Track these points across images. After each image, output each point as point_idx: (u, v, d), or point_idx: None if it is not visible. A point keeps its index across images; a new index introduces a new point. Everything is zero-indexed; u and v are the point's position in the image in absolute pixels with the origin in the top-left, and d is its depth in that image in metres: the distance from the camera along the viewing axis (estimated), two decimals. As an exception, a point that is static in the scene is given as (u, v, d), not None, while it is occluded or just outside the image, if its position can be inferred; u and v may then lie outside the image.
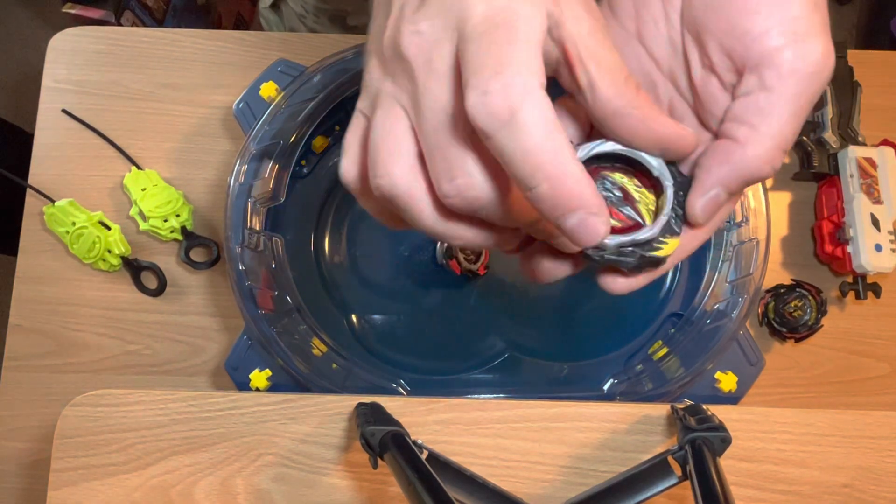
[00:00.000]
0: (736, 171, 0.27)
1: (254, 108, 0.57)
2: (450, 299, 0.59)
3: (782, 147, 0.26)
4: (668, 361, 0.54)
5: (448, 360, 0.58)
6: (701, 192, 0.27)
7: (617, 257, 0.27)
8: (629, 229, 0.28)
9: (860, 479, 0.44)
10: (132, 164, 0.63)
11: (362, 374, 0.53)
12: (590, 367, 0.57)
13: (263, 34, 0.67)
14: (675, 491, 0.38)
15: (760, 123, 0.26)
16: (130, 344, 0.60)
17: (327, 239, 0.60)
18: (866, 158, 0.59)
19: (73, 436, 0.44)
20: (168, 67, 0.65)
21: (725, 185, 0.27)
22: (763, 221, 0.54)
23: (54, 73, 0.65)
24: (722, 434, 0.38)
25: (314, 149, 0.60)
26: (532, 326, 0.59)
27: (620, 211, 0.28)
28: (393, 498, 0.44)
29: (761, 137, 0.26)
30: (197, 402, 0.45)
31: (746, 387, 0.52)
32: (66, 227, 0.60)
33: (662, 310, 0.59)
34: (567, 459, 0.44)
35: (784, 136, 0.26)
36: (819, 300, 0.59)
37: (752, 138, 0.26)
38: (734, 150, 0.27)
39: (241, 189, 0.54)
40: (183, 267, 0.62)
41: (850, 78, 0.62)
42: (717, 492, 0.33)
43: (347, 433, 0.44)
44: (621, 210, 0.28)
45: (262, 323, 0.51)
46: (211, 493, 0.44)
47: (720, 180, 0.27)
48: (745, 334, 0.53)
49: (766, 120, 0.26)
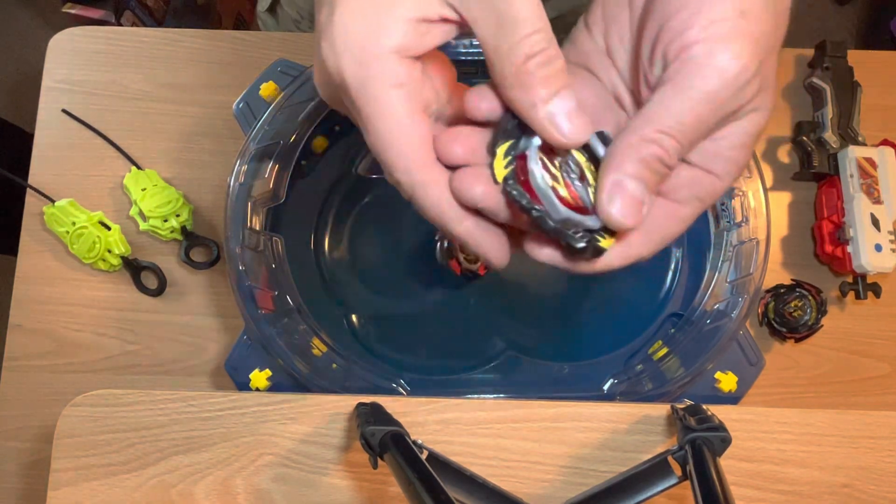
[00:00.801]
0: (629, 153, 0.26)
1: (254, 108, 0.57)
2: (450, 299, 0.59)
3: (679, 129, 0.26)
4: (668, 361, 0.54)
5: (448, 360, 0.58)
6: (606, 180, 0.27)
7: (563, 230, 0.27)
8: (579, 210, 0.28)
9: (860, 479, 0.44)
10: (132, 164, 0.63)
11: (362, 374, 0.53)
12: (590, 367, 0.57)
13: (263, 34, 0.67)
14: (675, 491, 0.38)
15: (659, 109, 0.26)
16: (130, 344, 0.60)
17: (327, 239, 0.60)
18: (866, 158, 0.59)
19: (73, 436, 0.44)
20: (168, 67, 0.65)
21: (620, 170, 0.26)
22: (763, 221, 0.54)
23: (54, 73, 0.65)
24: (722, 434, 0.38)
25: (314, 149, 0.60)
26: (532, 326, 0.59)
27: (576, 189, 0.28)
28: (393, 498, 0.44)
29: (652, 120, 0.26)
30: (197, 402, 0.45)
31: (746, 387, 0.52)
32: (66, 227, 0.60)
33: (662, 310, 0.59)
34: (567, 459, 0.44)
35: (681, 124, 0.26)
36: (819, 300, 0.59)
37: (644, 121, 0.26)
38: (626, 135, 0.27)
39: (241, 189, 0.54)
40: (183, 267, 0.62)
41: (850, 78, 0.62)
42: (717, 492, 0.33)
43: (347, 433, 0.44)
44: (575, 186, 0.28)
45: (262, 323, 0.51)
46: (211, 493, 0.44)
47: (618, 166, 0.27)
48: (745, 334, 0.53)
49: (664, 106, 0.26)
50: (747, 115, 0.28)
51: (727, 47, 0.25)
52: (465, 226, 0.28)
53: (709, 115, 0.26)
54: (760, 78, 0.26)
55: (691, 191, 0.29)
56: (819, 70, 0.63)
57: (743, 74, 0.26)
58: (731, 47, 0.25)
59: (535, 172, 0.27)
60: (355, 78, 0.26)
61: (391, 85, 0.26)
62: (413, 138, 0.27)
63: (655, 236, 0.29)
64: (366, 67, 0.26)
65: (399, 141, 0.27)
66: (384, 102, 0.26)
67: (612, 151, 0.27)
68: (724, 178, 0.29)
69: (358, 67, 0.26)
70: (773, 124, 0.64)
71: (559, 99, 0.27)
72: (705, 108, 0.26)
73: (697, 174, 0.29)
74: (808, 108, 0.64)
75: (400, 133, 0.27)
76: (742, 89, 0.26)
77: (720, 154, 0.28)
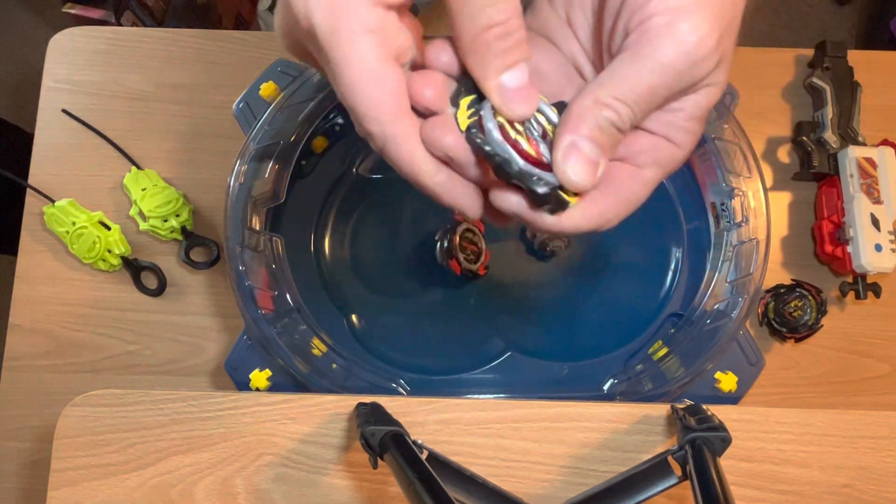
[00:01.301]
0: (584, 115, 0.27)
1: (254, 108, 0.57)
2: (450, 299, 0.59)
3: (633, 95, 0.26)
4: (668, 361, 0.54)
5: (448, 360, 0.58)
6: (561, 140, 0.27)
7: (527, 179, 0.27)
8: (540, 164, 0.28)
9: (860, 479, 0.44)
10: (132, 164, 0.63)
11: (362, 374, 0.53)
12: (590, 367, 0.57)
13: (263, 34, 0.67)
14: (675, 491, 0.38)
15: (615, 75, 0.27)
16: (130, 344, 0.60)
17: (327, 239, 0.60)
18: (866, 158, 0.59)
19: (73, 436, 0.44)
20: (168, 67, 0.65)
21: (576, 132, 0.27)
22: (763, 221, 0.54)
23: (54, 72, 0.65)
24: (722, 434, 0.38)
25: (314, 149, 0.60)
26: (532, 326, 0.59)
27: (536, 141, 0.28)
28: (393, 498, 0.44)
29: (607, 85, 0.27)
30: (197, 402, 0.45)
31: (746, 387, 0.52)
32: (66, 227, 0.60)
33: (662, 310, 0.59)
34: (567, 459, 0.44)
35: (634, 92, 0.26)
36: (819, 300, 0.59)
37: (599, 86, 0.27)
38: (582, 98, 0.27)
39: (241, 189, 0.54)
40: (183, 267, 0.62)
41: (850, 78, 0.62)
42: (717, 492, 0.33)
43: (347, 433, 0.44)
44: (537, 141, 0.28)
45: (262, 323, 0.51)
46: (211, 493, 0.44)
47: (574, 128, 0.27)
48: (745, 334, 0.53)
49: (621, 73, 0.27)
50: (703, 88, 0.28)
51: (687, 19, 0.25)
52: (438, 179, 0.28)
53: (663, 85, 0.26)
54: (719, 53, 0.27)
55: (652, 156, 0.30)
56: (819, 70, 0.63)
57: (701, 47, 0.26)
58: (692, 19, 0.26)
59: (491, 129, 0.27)
60: (325, 22, 0.25)
61: (362, 30, 0.25)
62: (384, 86, 0.26)
63: (622, 198, 0.30)
64: (336, 12, 0.25)
65: (370, 88, 0.26)
66: (355, 48, 0.25)
67: (567, 113, 0.27)
68: (682, 146, 0.30)
69: (328, 12, 0.25)
70: (774, 124, 0.64)
71: (511, 72, 0.27)
72: (660, 77, 0.26)
73: (657, 141, 0.29)
74: (808, 108, 0.64)
75: (371, 80, 0.26)
76: (700, 62, 0.26)
77: (677, 124, 0.29)
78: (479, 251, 0.58)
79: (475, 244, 0.58)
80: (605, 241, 0.60)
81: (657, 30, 0.26)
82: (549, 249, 0.58)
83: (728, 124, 0.55)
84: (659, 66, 0.26)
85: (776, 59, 0.66)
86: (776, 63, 0.66)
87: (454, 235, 0.56)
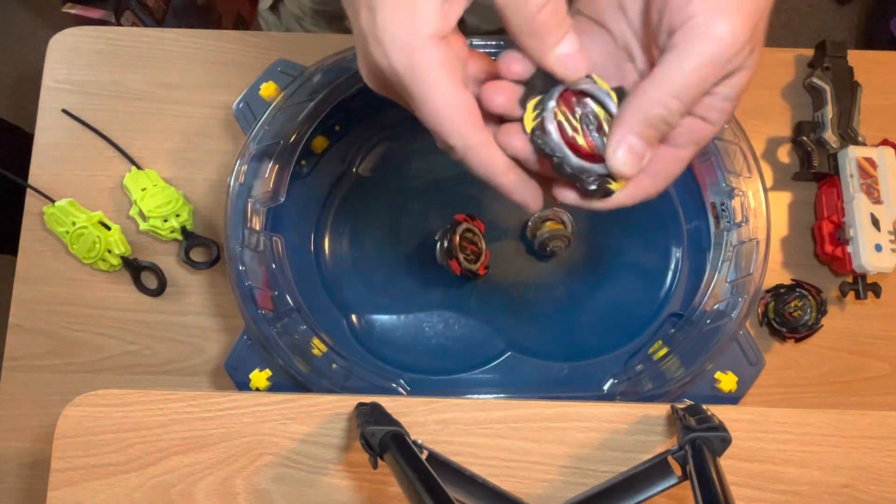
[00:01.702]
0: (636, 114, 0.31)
1: (254, 108, 0.57)
2: (450, 299, 0.59)
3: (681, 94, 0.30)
4: (668, 361, 0.54)
5: (448, 360, 0.58)
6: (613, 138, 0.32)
7: (578, 174, 0.32)
8: (593, 158, 0.32)
9: (860, 479, 0.44)
10: (132, 164, 0.63)
11: (362, 374, 0.53)
12: (590, 367, 0.57)
13: (263, 34, 0.67)
14: (675, 491, 0.38)
15: (661, 74, 0.30)
16: (130, 344, 0.60)
17: (327, 239, 0.60)
18: (866, 158, 0.59)
19: (73, 436, 0.44)
20: (168, 67, 0.65)
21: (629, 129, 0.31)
22: (763, 221, 0.54)
23: (54, 73, 0.65)
24: (722, 434, 0.38)
25: (314, 149, 0.60)
26: (532, 326, 0.59)
27: (592, 138, 0.32)
28: (393, 498, 0.44)
29: (659, 84, 0.30)
30: (197, 402, 0.45)
31: (746, 387, 0.52)
32: (66, 227, 0.60)
33: (662, 310, 0.59)
34: (567, 459, 0.44)
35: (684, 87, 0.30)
36: (819, 300, 0.59)
37: (652, 86, 0.31)
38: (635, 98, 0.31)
39: (241, 189, 0.54)
40: (183, 267, 0.62)
41: (850, 78, 0.62)
42: (717, 492, 0.33)
43: (347, 433, 0.45)
44: (592, 136, 0.33)
45: (262, 323, 0.51)
46: (211, 493, 0.44)
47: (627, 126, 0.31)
48: (745, 334, 0.53)
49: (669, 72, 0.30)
50: (737, 72, 0.31)
51: (724, 19, 0.29)
52: (508, 177, 0.33)
53: (708, 78, 0.30)
54: (753, 42, 0.30)
55: (689, 137, 0.33)
56: (819, 70, 0.63)
57: (737, 42, 0.29)
58: (728, 19, 0.29)
59: (551, 131, 0.32)
60: (405, 68, 0.30)
61: (436, 66, 0.30)
62: (462, 108, 0.31)
63: (660, 177, 0.34)
64: (412, 56, 0.30)
65: (452, 112, 0.31)
66: (433, 82, 0.30)
67: (622, 111, 0.32)
68: (716, 124, 0.33)
69: (407, 59, 0.30)
70: (773, 124, 0.64)
71: (565, 42, 0.31)
72: (705, 72, 0.30)
73: (695, 123, 0.33)
74: (808, 108, 0.64)
75: (450, 105, 0.31)
76: (736, 55, 0.30)
77: (714, 106, 0.32)
78: (479, 251, 0.58)
79: (475, 244, 0.58)
80: (605, 242, 0.60)
81: (699, 29, 0.29)
82: (549, 249, 0.58)
83: (728, 124, 0.55)
84: (704, 60, 0.30)
85: (776, 59, 0.66)
86: (776, 63, 0.66)
87: (454, 235, 0.56)
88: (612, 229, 0.60)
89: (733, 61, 0.30)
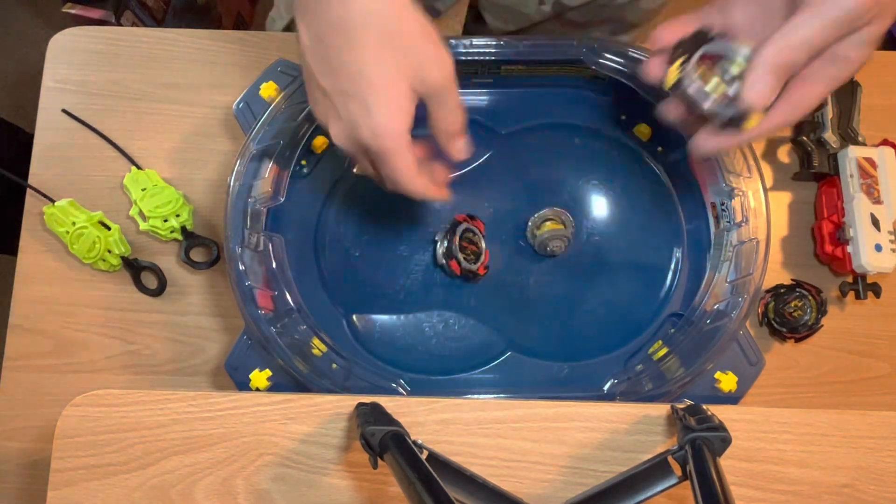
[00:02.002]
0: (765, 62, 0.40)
1: (254, 108, 0.57)
2: (450, 299, 0.59)
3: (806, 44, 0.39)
4: (668, 361, 0.54)
5: (448, 360, 0.58)
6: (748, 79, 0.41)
7: (716, 107, 0.43)
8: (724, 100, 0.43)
9: (860, 479, 0.44)
10: (132, 164, 0.63)
11: (362, 374, 0.53)
12: (590, 367, 0.57)
13: (263, 34, 0.67)
14: (675, 491, 0.38)
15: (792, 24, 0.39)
16: (130, 344, 0.60)
17: (327, 239, 0.60)
18: (866, 158, 0.59)
19: (73, 436, 0.44)
20: (168, 67, 0.66)
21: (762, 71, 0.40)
22: (763, 221, 0.54)
23: (54, 72, 0.65)
24: (722, 434, 0.38)
25: (314, 149, 0.60)
26: (532, 326, 0.59)
27: (726, 86, 0.43)
28: (393, 498, 0.44)
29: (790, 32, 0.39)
30: (197, 402, 0.45)
31: (746, 387, 0.52)
32: (66, 227, 0.60)
33: (662, 310, 0.59)
34: (567, 459, 0.44)
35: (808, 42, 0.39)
36: (819, 300, 0.59)
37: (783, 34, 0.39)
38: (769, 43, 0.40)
39: (241, 189, 0.54)
40: (183, 267, 0.62)
41: (850, 78, 0.62)
42: (717, 492, 0.33)
43: (347, 433, 0.45)
44: (727, 86, 0.43)
45: (262, 323, 0.51)
46: (211, 493, 0.44)
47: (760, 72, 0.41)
48: (745, 334, 0.53)
49: (798, 26, 0.39)
50: (867, 25, 0.39)
51: None
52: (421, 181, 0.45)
53: (829, 37, 0.39)
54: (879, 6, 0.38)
55: (817, 75, 0.42)
56: (819, 70, 0.63)
57: (861, 7, 0.37)
58: None
59: (688, 84, 0.44)
60: (388, 149, 0.42)
61: (406, 149, 0.43)
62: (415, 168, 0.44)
63: (789, 109, 0.43)
64: (393, 142, 0.42)
65: (414, 176, 0.44)
66: (404, 160, 0.43)
67: (755, 58, 0.41)
68: (846, 68, 0.41)
69: (389, 143, 0.42)
70: (773, 124, 0.64)
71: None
72: (829, 30, 0.38)
73: (823, 64, 0.41)
74: (808, 108, 0.64)
75: (413, 172, 0.44)
76: (860, 17, 0.38)
77: (839, 53, 0.40)
78: (479, 251, 0.58)
79: (475, 244, 0.58)
80: (604, 242, 0.60)
81: None
82: (549, 249, 0.58)
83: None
84: (826, 23, 0.38)
85: (776, 59, 0.66)
86: (776, 63, 0.66)
87: (454, 236, 0.56)
88: (612, 229, 0.60)
89: (856, 21, 0.38)
